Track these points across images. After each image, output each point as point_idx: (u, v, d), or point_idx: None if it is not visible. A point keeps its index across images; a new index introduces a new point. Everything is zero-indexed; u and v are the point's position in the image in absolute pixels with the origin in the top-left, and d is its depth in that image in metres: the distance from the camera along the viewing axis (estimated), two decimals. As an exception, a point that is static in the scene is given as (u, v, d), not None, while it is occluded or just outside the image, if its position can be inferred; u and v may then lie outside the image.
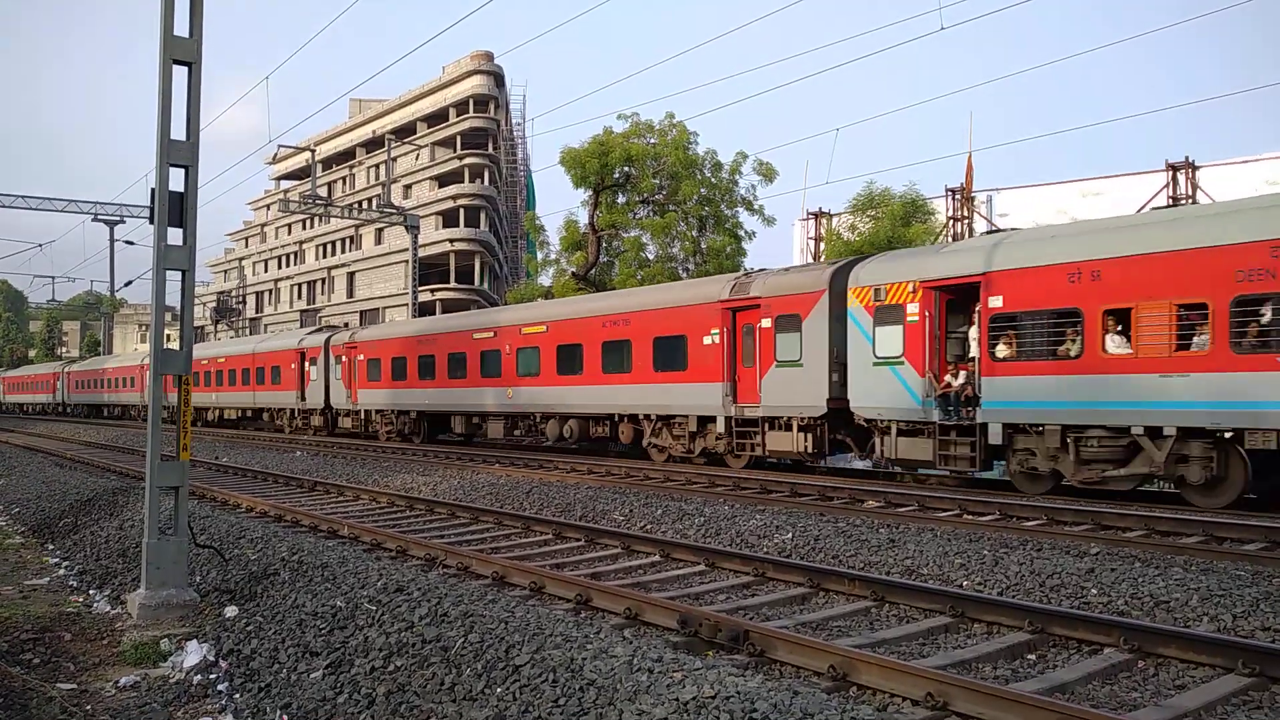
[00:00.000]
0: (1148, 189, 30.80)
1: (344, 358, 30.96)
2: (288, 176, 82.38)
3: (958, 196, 34.53)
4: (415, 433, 28.64)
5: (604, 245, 35.65)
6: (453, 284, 63.93)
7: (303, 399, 33.68)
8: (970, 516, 12.11)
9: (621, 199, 35.33)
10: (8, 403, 77.99)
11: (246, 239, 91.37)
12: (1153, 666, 6.12)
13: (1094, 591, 7.81)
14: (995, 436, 13.92)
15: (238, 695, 5.88)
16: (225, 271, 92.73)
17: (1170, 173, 30.21)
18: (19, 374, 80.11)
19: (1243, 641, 6.18)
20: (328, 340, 32.53)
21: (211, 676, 6.25)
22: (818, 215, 37.77)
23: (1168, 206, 23.63)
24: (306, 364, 33.43)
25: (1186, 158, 30.30)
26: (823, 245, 36.41)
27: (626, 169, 34.15)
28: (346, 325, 42.65)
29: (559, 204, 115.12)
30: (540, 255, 40.08)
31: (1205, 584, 7.71)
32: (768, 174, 33.74)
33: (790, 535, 10.59)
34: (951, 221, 34.37)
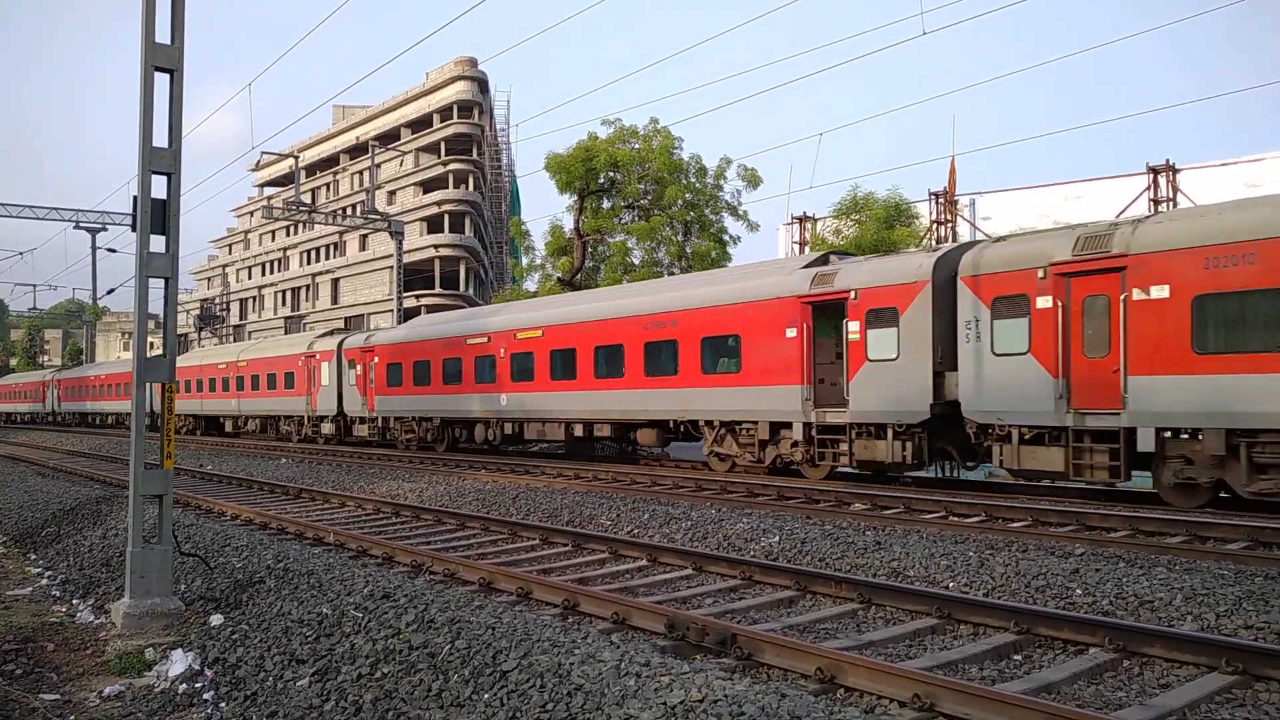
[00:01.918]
0: (1129, 192, 31.08)
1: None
2: (271, 183, 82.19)
3: (941, 200, 34.75)
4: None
5: (589, 250, 35.66)
6: (438, 290, 63.84)
7: (850, 395, 15.58)
8: (956, 518, 12.15)
9: (606, 204, 35.36)
10: (65, 411, 60.85)
11: (230, 246, 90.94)
12: (1137, 666, 6.16)
13: (1079, 592, 7.86)
14: None
15: (223, 704, 5.85)
16: (209, 278, 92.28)
17: (1151, 175, 30.49)
18: (81, 374, 59.08)
19: (1226, 640, 6.23)
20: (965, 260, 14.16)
21: (197, 685, 6.20)
22: (802, 220, 37.91)
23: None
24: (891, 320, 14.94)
25: (1167, 161, 30.60)
26: (807, 250, 36.54)
27: (611, 174, 34.22)
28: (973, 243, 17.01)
29: (544, 209, 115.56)
30: (525, 260, 39.98)
31: (1189, 583, 7.77)
32: (752, 179, 33.92)
33: (777, 538, 10.61)
34: (935, 225, 34.56)
